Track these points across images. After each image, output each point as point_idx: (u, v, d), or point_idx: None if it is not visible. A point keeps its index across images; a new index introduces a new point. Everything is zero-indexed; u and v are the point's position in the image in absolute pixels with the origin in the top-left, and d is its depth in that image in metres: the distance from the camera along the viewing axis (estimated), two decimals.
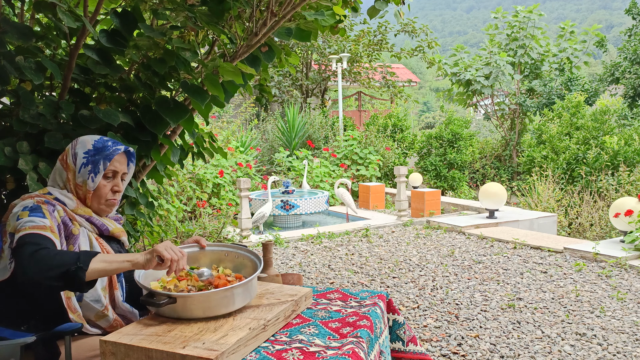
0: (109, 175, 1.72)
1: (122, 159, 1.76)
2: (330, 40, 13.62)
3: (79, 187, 1.70)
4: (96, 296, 1.61)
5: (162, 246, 1.48)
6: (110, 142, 1.73)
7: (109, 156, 1.70)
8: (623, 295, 3.95)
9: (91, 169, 1.68)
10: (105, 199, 1.72)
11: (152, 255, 1.47)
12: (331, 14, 2.49)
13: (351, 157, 10.09)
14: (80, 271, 1.39)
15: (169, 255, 1.47)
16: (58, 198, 1.66)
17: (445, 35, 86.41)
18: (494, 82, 11.45)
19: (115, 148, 1.72)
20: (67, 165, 1.71)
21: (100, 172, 1.69)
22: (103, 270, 1.43)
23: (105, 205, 1.74)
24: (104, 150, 1.70)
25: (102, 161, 1.69)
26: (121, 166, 1.75)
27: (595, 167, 8.54)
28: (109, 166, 1.71)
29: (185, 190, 6.89)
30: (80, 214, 1.68)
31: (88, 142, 1.72)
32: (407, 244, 5.89)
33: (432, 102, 41.87)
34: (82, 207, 1.69)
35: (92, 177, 1.68)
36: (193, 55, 2.29)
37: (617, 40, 21.75)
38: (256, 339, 1.45)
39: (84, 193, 1.70)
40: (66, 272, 1.38)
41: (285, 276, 2.11)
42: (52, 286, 1.40)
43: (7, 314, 1.58)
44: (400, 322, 2.00)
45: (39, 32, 2.32)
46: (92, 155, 1.70)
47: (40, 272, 1.38)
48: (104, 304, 1.63)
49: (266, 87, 3.17)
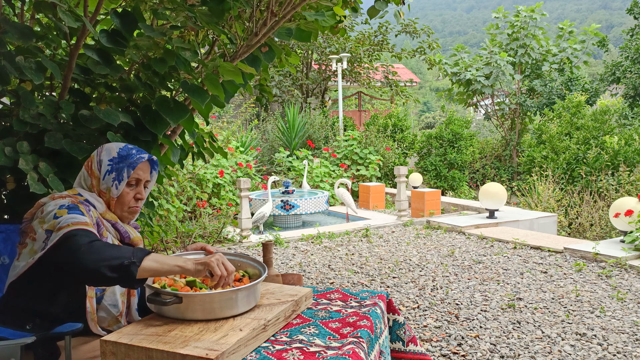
0: (132, 183, 1.74)
1: (145, 167, 1.77)
2: (331, 40, 13.62)
3: (102, 194, 1.72)
4: (114, 301, 1.64)
5: (215, 262, 1.50)
6: (134, 150, 1.75)
7: (133, 164, 1.72)
8: (623, 295, 3.95)
9: (115, 177, 1.70)
10: (128, 206, 1.74)
11: (203, 268, 1.49)
12: (331, 14, 2.49)
13: (351, 157, 10.09)
14: (133, 266, 1.40)
15: (219, 272, 1.49)
16: (88, 200, 1.68)
17: (446, 35, 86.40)
18: (495, 82, 11.45)
19: (140, 156, 1.74)
20: (91, 172, 1.73)
21: (124, 180, 1.71)
22: (155, 270, 1.44)
23: (128, 212, 1.75)
24: (128, 158, 1.72)
25: (126, 169, 1.71)
26: (144, 174, 1.77)
27: (596, 167, 8.54)
28: (133, 174, 1.73)
29: (185, 190, 6.89)
30: (107, 219, 1.70)
31: (113, 149, 1.74)
32: (407, 244, 5.89)
33: (432, 102, 41.86)
34: (109, 212, 1.72)
35: (116, 185, 1.70)
36: (193, 55, 2.29)
37: (618, 40, 21.76)
38: (256, 339, 1.45)
39: (107, 199, 1.72)
40: (120, 265, 1.40)
41: (285, 276, 2.11)
42: (105, 277, 1.40)
43: (12, 312, 1.59)
44: (400, 322, 2.00)
45: (39, 32, 2.32)
46: (117, 163, 1.72)
47: (98, 260, 1.39)
48: (120, 309, 1.65)
49: (266, 87, 3.17)
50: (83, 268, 1.40)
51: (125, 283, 1.45)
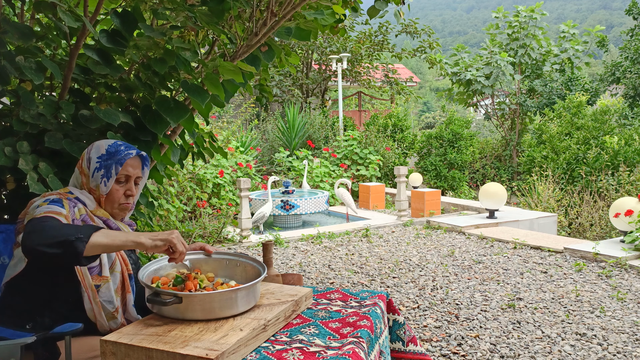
0: (122, 180, 1.73)
1: (135, 163, 1.76)
2: (332, 40, 13.62)
3: (92, 191, 1.72)
4: (109, 297, 1.63)
5: (176, 238, 1.49)
6: (123, 147, 1.74)
7: (121, 160, 1.71)
8: (623, 295, 3.95)
9: (104, 174, 1.70)
10: (118, 203, 1.74)
11: (163, 244, 1.47)
12: (331, 13, 2.49)
13: (351, 157, 10.09)
14: (80, 242, 1.37)
15: (181, 248, 1.49)
16: (79, 198, 1.69)
17: (446, 35, 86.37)
18: (495, 82, 11.45)
19: (127, 152, 1.73)
20: (82, 170, 1.74)
21: (113, 177, 1.70)
22: (105, 245, 1.41)
23: (119, 209, 1.75)
24: (117, 155, 1.72)
25: (115, 165, 1.71)
26: (134, 170, 1.76)
27: (596, 167, 8.54)
28: (121, 170, 1.72)
29: (185, 190, 6.89)
30: (98, 216, 1.70)
31: (102, 146, 1.74)
32: (407, 244, 5.89)
33: (432, 102, 41.83)
34: (100, 209, 1.72)
35: (105, 182, 1.70)
36: (193, 55, 2.29)
37: (618, 40, 21.75)
38: (256, 339, 1.45)
39: (98, 197, 1.72)
40: (64, 241, 1.36)
41: (285, 276, 2.11)
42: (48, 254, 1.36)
43: (12, 311, 1.59)
44: (400, 322, 2.00)
45: (39, 32, 2.32)
46: (105, 159, 1.71)
47: (39, 239, 1.37)
48: (116, 305, 1.65)
49: (266, 87, 3.17)
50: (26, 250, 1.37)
51: (70, 259, 1.39)
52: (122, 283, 1.69)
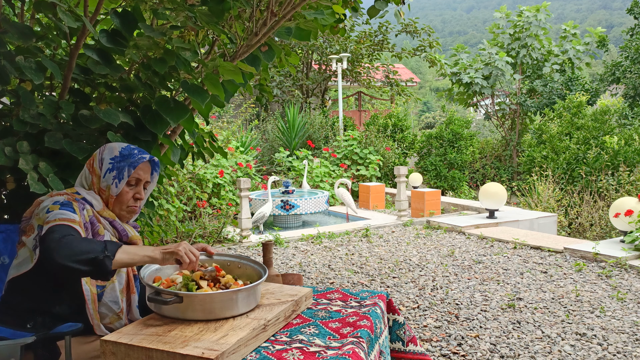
0: (132, 183, 1.76)
1: (146, 168, 1.79)
2: (332, 40, 13.62)
3: (102, 192, 1.74)
4: (115, 297, 1.65)
5: (182, 250, 1.52)
6: (136, 151, 1.78)
7: (134, 164, 1.74)
8: (623, 295, 3.95)
9: (116, 175, 1.73)
10: (126, 205, 1.76)
11: (171, 257, 1.52)
12: (331, 13, 2.49)
13: (351, 157, 10.09)
14: (108, 260, 1.42)
15: (187, 260, 1.53)
16: (85, 198, 1.70)
17: (446, 35, 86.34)
18: (495, 82, 11.45)
19: (141, 156, 1.76)
20: (93, 170, 1.76)
21: (125, 179, 1.73)
22: (126, 262, 1.47)
23: (127, 211, 1.77)
24: (130, 158, 1.75)
25: (127, 168, 1.73)
26: (145, 174, 1.79)
27: (595, 167, 8.54)
28: (133, 174, 1.75)
29: (185, 190, 6.89)
30: (105, 217, 1.72)
31: (115, 148, 1.77)
32: (407, 244, 5.89)
33: (432, 102, 41.82)
34: (106, 210, 1.74)
35: (116, 183, 1.72)
36: (193, 55, 2.29)
37: (618, 40, 21.75)
38: (256, 339, 1.45)
39: (107, 197, 1.74)
40: (94, 258, 1.41)
41: (285, 276, 2.11)
42: (78, 271, 1.41)
43: (13, 310, 1.59)
44: (400, 322, 2.00)
45: (39, 32, 2.32)
46: (118, 161, 1.74)
47: (69, 256, 1.40)
48: (121, 306, 1.66)
49: (266, 87, 3.17)
50: (55, 264, 1.40)
51: (99, 276, 1.45)
52: (127, 284, 1.71)
